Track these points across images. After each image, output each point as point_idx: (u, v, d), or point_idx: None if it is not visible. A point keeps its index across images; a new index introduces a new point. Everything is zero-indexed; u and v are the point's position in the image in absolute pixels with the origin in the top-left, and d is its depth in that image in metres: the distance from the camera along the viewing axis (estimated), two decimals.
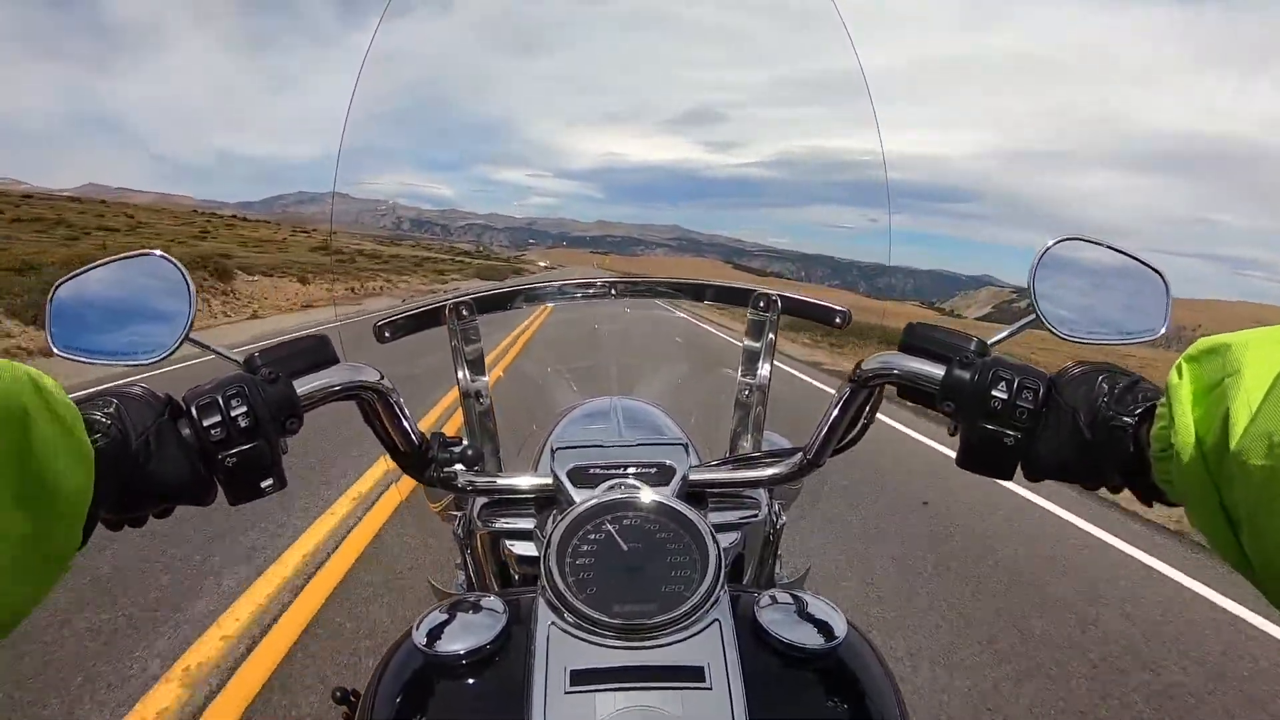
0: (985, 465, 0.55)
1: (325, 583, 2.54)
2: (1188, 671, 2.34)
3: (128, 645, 2.10)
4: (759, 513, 0.81)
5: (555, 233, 70.55)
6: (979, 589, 2.87)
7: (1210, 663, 2.41)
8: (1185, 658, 2.43)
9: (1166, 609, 2.81)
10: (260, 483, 0.53)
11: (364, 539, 2.93)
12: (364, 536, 2.95)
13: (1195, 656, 2.44)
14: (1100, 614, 2.71)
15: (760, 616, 0.57)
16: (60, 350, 0.56)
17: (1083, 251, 0.60)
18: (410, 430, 0.66)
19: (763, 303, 0.89)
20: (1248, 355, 0.37)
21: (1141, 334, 0.58)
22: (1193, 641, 2.55)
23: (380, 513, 3.18)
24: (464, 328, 0.87)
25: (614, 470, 0.69)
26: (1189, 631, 2.63)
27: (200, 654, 2.07)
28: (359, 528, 3.03)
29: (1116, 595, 2.90)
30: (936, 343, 0.59)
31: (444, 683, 0.54)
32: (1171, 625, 2.67)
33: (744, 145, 78.84)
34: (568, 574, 0.56)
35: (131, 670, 1.99)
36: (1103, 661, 2.36)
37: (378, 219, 59.35)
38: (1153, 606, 2.82)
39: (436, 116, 75.32)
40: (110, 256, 0.58)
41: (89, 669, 1.98)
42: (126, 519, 0.50)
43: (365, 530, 3.02)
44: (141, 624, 2.23)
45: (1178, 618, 2.74)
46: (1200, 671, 2.35)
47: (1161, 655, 2.43)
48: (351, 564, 2.70)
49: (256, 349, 0.57)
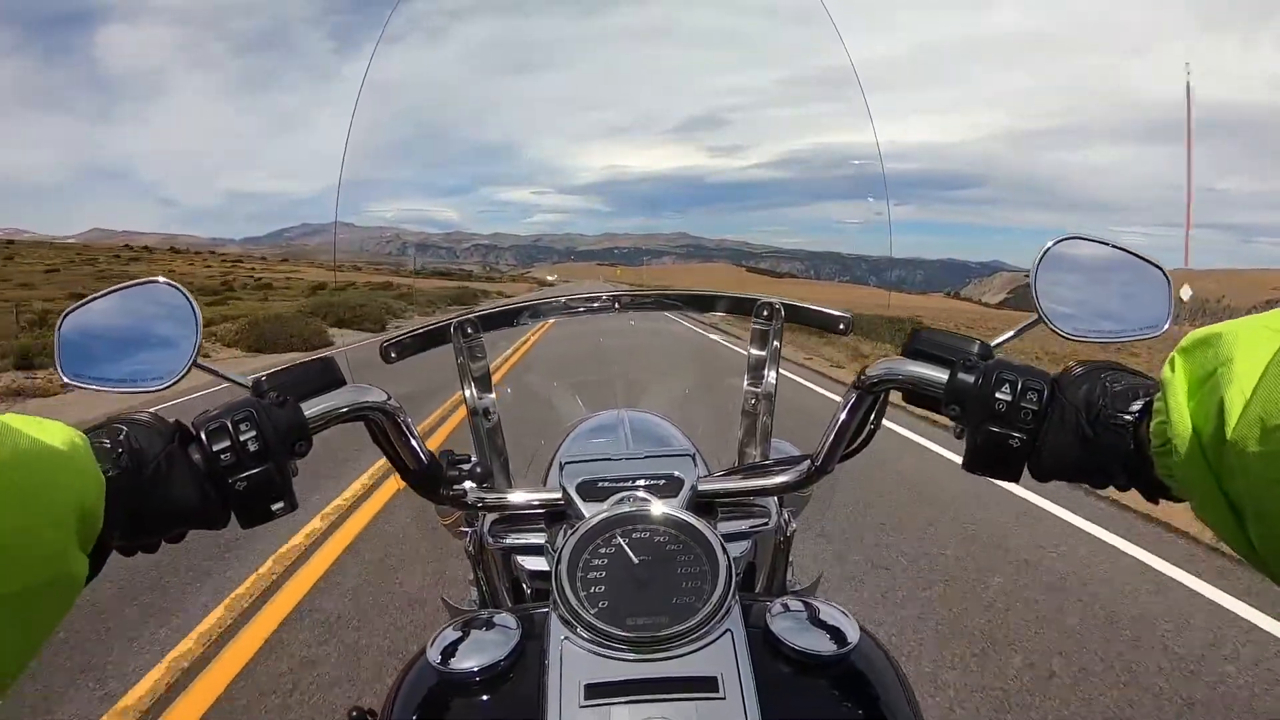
0: (992, 468, 0.55)
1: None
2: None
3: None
4: (769, 521, 0.81)
5: (562, 248, 70.86)
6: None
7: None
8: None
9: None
10: (271, 505, 0.53)
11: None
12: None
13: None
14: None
15: (772, 625, 0.57)
16: (69, 378, 0.56)
17: (1083, 249, 0.60)
18: (419, 449, 0.66)
19: (766, 311, 0.90)
20: (1238, 344, 0.37)
21: (1145, 330, 0.58)
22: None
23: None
24: (470, 345, 0.87)
25: (623, 483, 0.70)
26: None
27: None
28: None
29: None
30: (941, 347, 0.59)
31: (459, 700, 0.55)
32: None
33: (747, 148, 76.55)
34: (579, 588, 0.56)
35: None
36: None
37: (382, 245, 59.35)
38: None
39: (437, 140, 73.20)
40: (115, 285, 0.58)
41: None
42: (138, 545, 0.50)
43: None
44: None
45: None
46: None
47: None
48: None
49: (264, 373, 0.58)
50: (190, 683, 2.13)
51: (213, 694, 2.08)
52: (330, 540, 3.23)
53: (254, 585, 2.77)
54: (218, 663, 2.24)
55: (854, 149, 0.95)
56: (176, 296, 0.58)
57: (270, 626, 2.46)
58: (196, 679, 2.15)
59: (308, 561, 3.00)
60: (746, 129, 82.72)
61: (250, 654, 2.29)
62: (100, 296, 0.58)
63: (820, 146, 72.66)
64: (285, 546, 3.11)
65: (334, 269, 9.69)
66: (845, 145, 0.95)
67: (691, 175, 70.92)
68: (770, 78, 68.63)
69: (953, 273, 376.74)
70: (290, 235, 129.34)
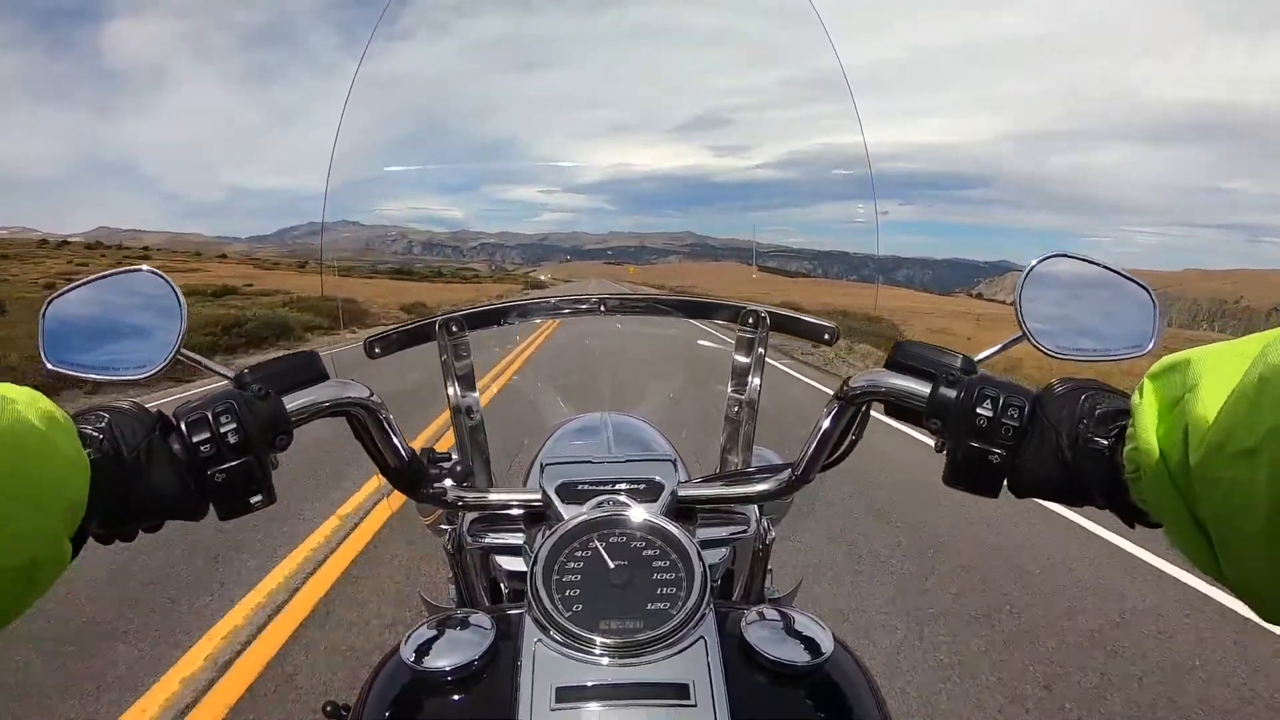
0: (971, 482, 0.55)
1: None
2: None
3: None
4: (748, 528, 0.81)
5: (567, 246, 72.26)
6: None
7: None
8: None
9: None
10: (250, 498, 0.53)
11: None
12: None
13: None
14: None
15: (747, 633, 0.56)
16: (52, 364, 0.56)
17: (1069, 268, 0.61)
18: (400, 446, 0.66)
19: (751, 319, 0.90)
20: (1206, 369, 0.37)
21: (1129, 350, 0.58)
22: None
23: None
24: (454, 344, 0.87)
25: (603, 486, 0.69)
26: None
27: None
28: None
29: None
30: (923, 360, 0.59)
31: (431, 699, 0.54)
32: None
33: (752, 148, 78.79)
34: (554, 591, 0.56)
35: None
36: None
37: (388, 244, 60.94)
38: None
39: (442, 138, 74.79)
40: (100, 273, 0.58)
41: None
42: (116, 533, 0.51)
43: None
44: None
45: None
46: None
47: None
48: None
49: (247, 366, 0.57)
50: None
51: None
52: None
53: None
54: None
55: (852, 149, 0.96)
56: (161, 285, 0.58)
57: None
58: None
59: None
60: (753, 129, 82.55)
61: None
62: (84, 284, 0.58)
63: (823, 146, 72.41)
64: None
65: (320, 272, 9.58)
66: (845, 145, 0.96)
67: (698, 174, 69.76)
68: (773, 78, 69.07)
69: (960, 272, 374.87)
70: (296, 234, 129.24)
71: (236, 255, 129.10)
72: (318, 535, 3.18)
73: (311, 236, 9.43)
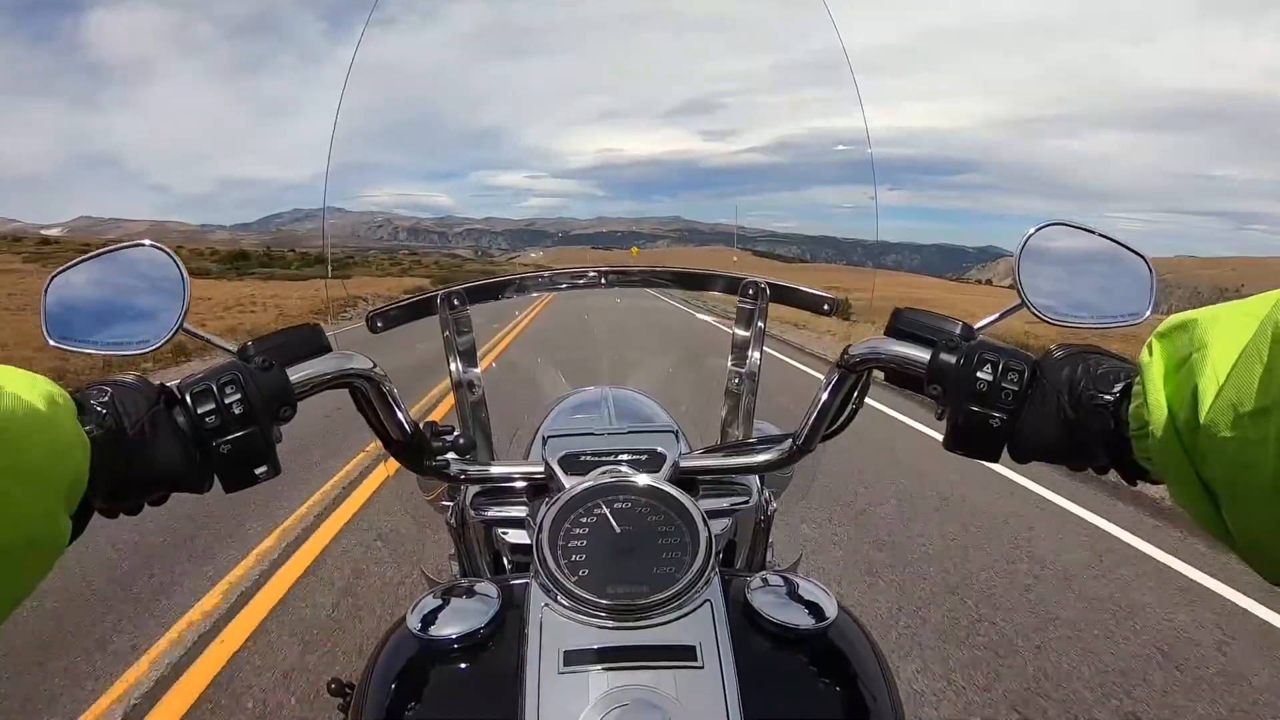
0: (972, 447, 0.55)
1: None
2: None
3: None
4: (750, 499, 0.81)
5: (555, 231, 70.96)
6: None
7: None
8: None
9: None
10: (255, 469, 0.53)
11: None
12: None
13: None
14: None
15: (752, 598, 0.57)
16: (55, 340, 0.56)
17: (1067, 237, 0.61)
18: (403, 419, 0.66)
19: (751, 290, 0.89)
20: (1214, 329, 0.37)
21: (1126, 317, 0.58)
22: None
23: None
24: (455, 318, 0.87)
25: (605, 457, 0.70)
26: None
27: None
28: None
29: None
30: (923, 327, 0.59)
31: (438, 667, 0.55)
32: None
33: (741, 132, 77.96)
34: (560, 556, 0.56)
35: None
36: None
37: (374, 230, 58.87)
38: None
39: (430, 124, 74.53)
40: (103, 248, 0.58)
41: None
42: (122, 507, 0.50)
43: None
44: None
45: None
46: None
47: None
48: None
49: (250, 339, 0.57)
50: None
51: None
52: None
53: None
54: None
55: (845, 134, 0.95)
56: (164, 259, 0.57)
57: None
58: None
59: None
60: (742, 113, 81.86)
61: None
62: (86, 260, 0.58)
63: (815, 131, 72.76)
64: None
65: (325, 257, 9.42)
66: (838, 130, 0.95)
67: (687, 159, 68.76)
68: (765, 62, 69.29)
69: (949, 257, 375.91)
70: (281, 221, 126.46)
71: (221, 244, 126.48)
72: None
73: (296, 223, 9.09)
